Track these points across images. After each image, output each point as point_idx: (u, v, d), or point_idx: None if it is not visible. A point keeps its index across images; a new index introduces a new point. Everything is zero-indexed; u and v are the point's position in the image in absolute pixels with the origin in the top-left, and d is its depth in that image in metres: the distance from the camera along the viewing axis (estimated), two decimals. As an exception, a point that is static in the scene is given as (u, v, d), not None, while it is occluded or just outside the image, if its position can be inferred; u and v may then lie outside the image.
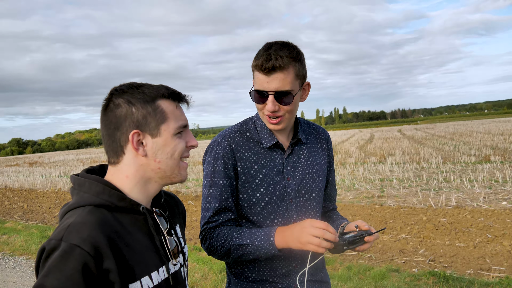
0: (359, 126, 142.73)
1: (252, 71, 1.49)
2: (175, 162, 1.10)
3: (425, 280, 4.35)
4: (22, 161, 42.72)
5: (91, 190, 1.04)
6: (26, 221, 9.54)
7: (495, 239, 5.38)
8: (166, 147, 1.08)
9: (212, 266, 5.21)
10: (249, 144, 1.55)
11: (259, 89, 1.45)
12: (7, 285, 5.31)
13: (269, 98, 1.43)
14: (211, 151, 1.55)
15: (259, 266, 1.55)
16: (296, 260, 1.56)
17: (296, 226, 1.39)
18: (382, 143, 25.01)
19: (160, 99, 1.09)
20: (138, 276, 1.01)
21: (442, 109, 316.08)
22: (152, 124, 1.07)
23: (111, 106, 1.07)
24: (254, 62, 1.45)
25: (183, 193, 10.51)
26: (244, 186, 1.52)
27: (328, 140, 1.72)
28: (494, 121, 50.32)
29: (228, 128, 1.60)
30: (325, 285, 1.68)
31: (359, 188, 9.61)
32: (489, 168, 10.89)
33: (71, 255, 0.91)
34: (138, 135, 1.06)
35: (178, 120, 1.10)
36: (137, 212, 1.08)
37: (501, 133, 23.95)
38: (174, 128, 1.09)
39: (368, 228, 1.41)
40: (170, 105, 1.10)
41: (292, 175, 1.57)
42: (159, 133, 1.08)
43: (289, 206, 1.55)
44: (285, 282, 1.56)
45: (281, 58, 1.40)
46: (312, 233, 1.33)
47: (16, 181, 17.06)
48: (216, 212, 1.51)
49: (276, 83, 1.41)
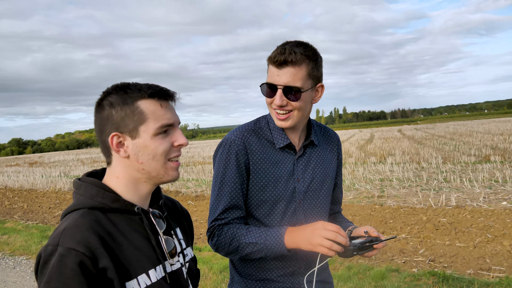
0: (359, 126, 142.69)
1: (267, 64, 1.50)
2: (159, 163, 1.09)
3: (425, 280, 4.35)
4: (22, 161, 42.71)
5: (86, 193, 1.08)
6: (26, 221, 9.54)
7: (495, 239, 5.38)
8: (146, 148, 1.08)
9: (212, 266, 5.21)
10: (262, 144, 1.55)
11: (269, 81, 1.46)
12: (7, 285, 5.32)
13: (278, 92, 1.44)
14: (223, 148, 1.54)
15: (264, 265, 1.56)
16: (301, 260, 1.56)
17: (308, 228, 1.38)
18: (382, 143, 25.01)
19: (141, 99, 1.08)
20: (134, 274, 1.04)
21: (442, 109, 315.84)
22: (130, 125, 1.07)
23: (98, 108, 1.11)
24: (270, 55, 1.47)
25: (183, 193, 10.51)
26: (254, 185, 1.52)
27: (338, 144, 1.72)
28: (494, 121, 50.31)
29: (242, 126, 1.59)
30: (328, 285, 1.68)
31: (359, 188, 9.61)
32: (489, 168, 10.88)
33: (68, 258, 0.95)
34: (118, 137, 1.08)
35: (159, 120, 1.08)
36: (132, 213, 1.10)
37: (501, 133, 23.94)
38: (154, 129, 1.08)
39: (378, 235, 1.41)
40: (151, 105, 1.09)
41: (302, 176, 1.56)
42: (138, 135, 1.08)
43: (297, 207, 1.55)
44: (289, 282, 1.56)
45: (294, 53, 1.41)
46: (324, 235, 1.32)
47: (16, 181, 17.06)
48: (226, 209, 1.51)
49: (286, 77, 1.42)
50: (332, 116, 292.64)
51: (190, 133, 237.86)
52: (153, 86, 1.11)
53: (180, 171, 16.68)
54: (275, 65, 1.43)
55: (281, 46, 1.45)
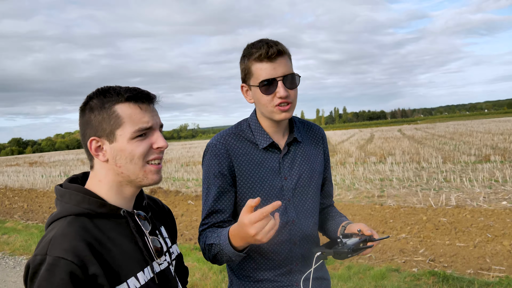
0: (359, 126, 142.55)
1: (248, 69, 1.48)
2: (137, 166, 1.10)
3: (425, 280, 4.35)
4: (22, 161, 42.71)
5: (71, 200, 1.08)
6: (26, 221, 9.54)
7: (495, 238, 5.38)
8: (123, 152, 1.09)
9: (212, 266, 5.21)
10: (245, 145, 1.55)
11: (266, 77, 1.44)
12: (7, 285, 5.32)
13: (279, 84, 1.44)
14: (206, 154, 1.56)
15: (259, 266, 1.56)
16: (297, 258, 1.57)
17: (238, 225, 1.27)
18: (382, 142, 25.00)
19: (118, 103, 1.09)
20: (123, 278, 1.04)
21: (442, 108, 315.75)
22: (107, 129, 1.09)
23: (81, 113, 1.14)
24: (251, 57, 1.46)
25: (183, 193, 10.51)
26: (242, 187, 1.53)
27: (323, 138, 1.72)
28: (494, 120, 50.29)
29: (223, 131, 1.60)
30: (325, 282, 1.69)
31: (359, 188, 9.61)
32: (489, 168, 10.88)
33: (57, 267, 0.95)
34: (96, 142, 1.10)
35: (136, 123, 1.09)
36: (119, 216, 1.11)
37: (501, 133, 23.94)
38: (130, 133, 1.08)
39: (371, 233, 1.40)
40: (128, 109, 1.09)
41: (289, 174, 1.57)
42: (115, 138, 1.09)
43: (287, 205, 1.56)
44: (287, 281, 1.57)
45: (279, 44, 1.46)
46: (251, 232, 1.21)
47: (16, 181, 17.07)
48: (208, 214, 1.53)
49: (282, 67, 1.44)
50: (332, 115, 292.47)
51: (190, 133, 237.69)
52: (131, 90, 1.11)
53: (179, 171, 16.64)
54: (268, 60, 1.43)
55: (259, 43, 1.46)
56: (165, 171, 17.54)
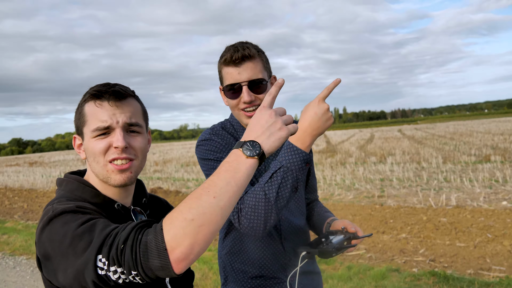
0: (359, 126, 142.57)
1: (220, 72, 1.51)
2: (99, 165, 1.09)
3: (425, 280, 4.34)
4: (22, 161, 42.71)
5: (67, 187, 1.13)
6: (26, 221, 9.54)
7: (495, 239, 5.37)
8: (87, 149, 1.11)
9: (212, 266, 5.21)
10: (231, 141, 1.56)
11: (231, 82, 1.45)
12: (7, 285, 5.31)
13: (244, 89, 1.44)
14: (203, 145, 1.56)
15: (254, 263, 1.57)
16: (289, 253, 1.58)
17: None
18: (382, 143, 25.00)
19: (87, 101, 1.11)
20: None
21: (443, 108, 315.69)
22: (79, 128, 1.13)
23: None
24: (221, 60, 1.48)
25: (183, 193, 10.51)
26: None
27: None
28: (494, 120, 50.29)
29: (210, 127, 1.61)
30: (316, 275, 1.69)
31: (359, 188, 9.61)
32: (489, 168, 10.88)
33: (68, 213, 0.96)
34: (77, 140, 1.16)
35: (95, 122, 1.08)
36: (113, 209, 1.12)
37: (501, 133, 23.93)
38: (90, 131, 1.09)
39: (355, 230, 1.42)
40: (91, 107, 1.10)
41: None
42: (83, 137, 1.12)
43: None
44: (283, 276, 1.58)
45: (248, 48, 1.44)
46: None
47: (16, 181, 17.07)
48: None
49: (247, 72, 1.43)
50: (332, 115, 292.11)
51: (190, 133, 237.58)
52: (97, 87, 1.10)
53: (179, 171, 16.59)
54: (233, 65, 1.43)
55: (230, 47, 1.47)
56: (165, 171, 17.54)
